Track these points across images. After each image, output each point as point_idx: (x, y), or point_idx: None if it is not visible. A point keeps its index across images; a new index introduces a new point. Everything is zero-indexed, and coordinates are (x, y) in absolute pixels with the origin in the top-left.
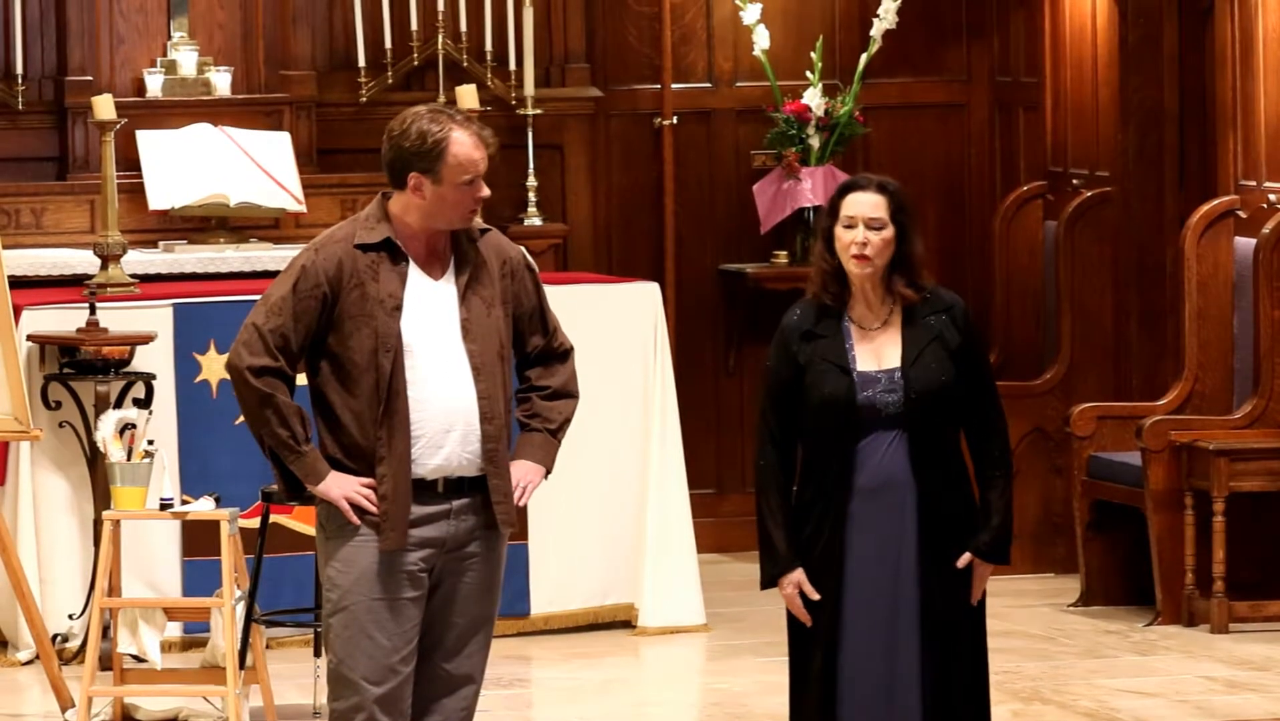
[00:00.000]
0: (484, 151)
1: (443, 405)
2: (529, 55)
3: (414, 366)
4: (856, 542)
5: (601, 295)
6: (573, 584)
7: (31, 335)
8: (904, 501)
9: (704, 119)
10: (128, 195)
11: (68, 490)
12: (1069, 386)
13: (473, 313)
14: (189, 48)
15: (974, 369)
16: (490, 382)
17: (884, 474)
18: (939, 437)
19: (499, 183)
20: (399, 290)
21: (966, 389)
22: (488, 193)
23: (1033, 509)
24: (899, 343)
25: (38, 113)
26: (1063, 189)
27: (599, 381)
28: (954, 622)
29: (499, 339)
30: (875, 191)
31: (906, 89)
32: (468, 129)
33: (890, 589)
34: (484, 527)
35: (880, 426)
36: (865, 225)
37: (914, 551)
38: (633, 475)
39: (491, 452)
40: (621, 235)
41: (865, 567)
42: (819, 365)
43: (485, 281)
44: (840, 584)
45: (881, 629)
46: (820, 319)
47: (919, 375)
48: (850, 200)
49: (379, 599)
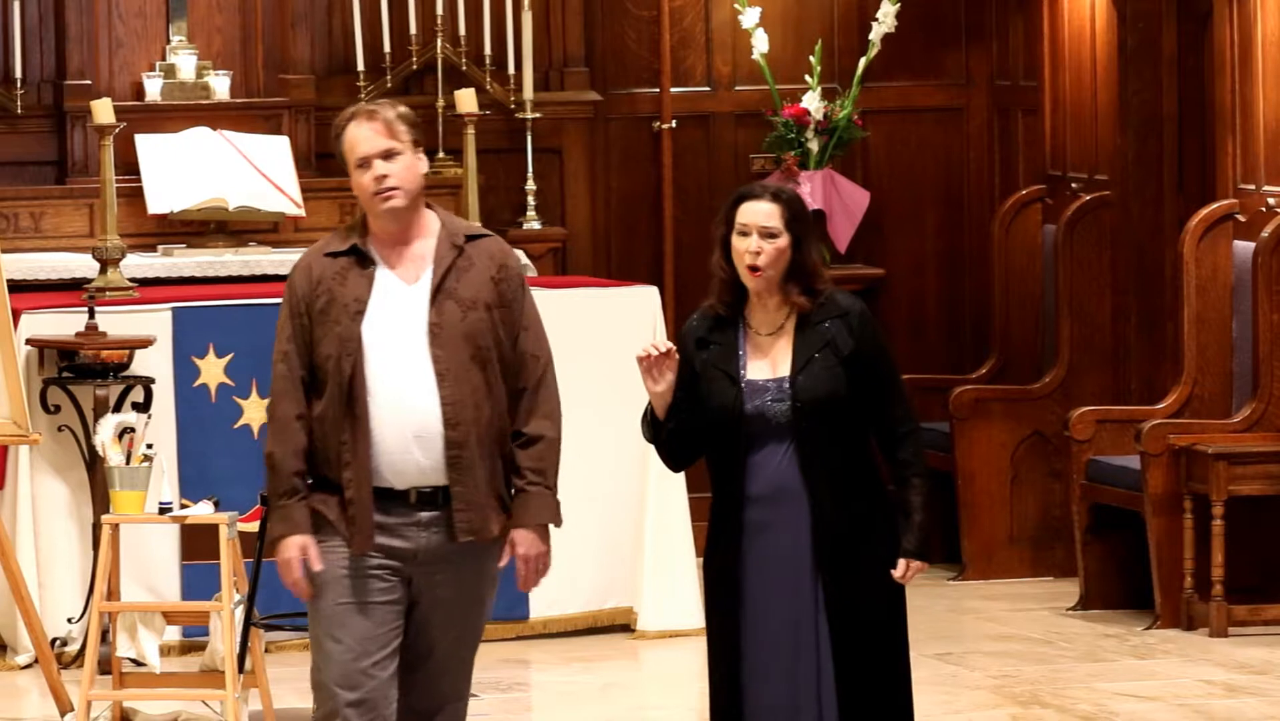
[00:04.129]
0: (374, 130)
1: (403, 410)
2: (528, 59)
3: (375, 371)
4: (753, 554)
5: (600, 299)
6: (572, 587)
7: (30, 339)
8: (798, 512)
9: (703, 123)
10: (127, 199)
11: (67, 494)
12: (1068, 390)
13: (444, 316)
14: (188, 51)
15: (872, 374)
16: (457, 388)
17: (776, 483)
18: (833, 446)
19: (497, 186)
20: (365, 294)
21: (868, 395)
22: (390, 176)
23: (1031, 513)
24: (790, 350)
25: (37, 116)
26: (1061, 193)
27: (598, 385)
28: (860, 632)
29: (476, 342)
30: (769, 200)
31: (905, 93)
32: (364, 111)
33: (789, 600)
34: (484, 539)
35: (772, 436)
36: (759, 234)
37: (809, 563)
38: (632, 478)
39: (455, 459)
40: (620, 239)
41: (763, 579)
42: (712, 373)
43: (467, 284)
44: (739, 595)
45: (783, 640)
46: (715, 327)
47: (807, 383)
48: (745, 209)
49: (345, 603)
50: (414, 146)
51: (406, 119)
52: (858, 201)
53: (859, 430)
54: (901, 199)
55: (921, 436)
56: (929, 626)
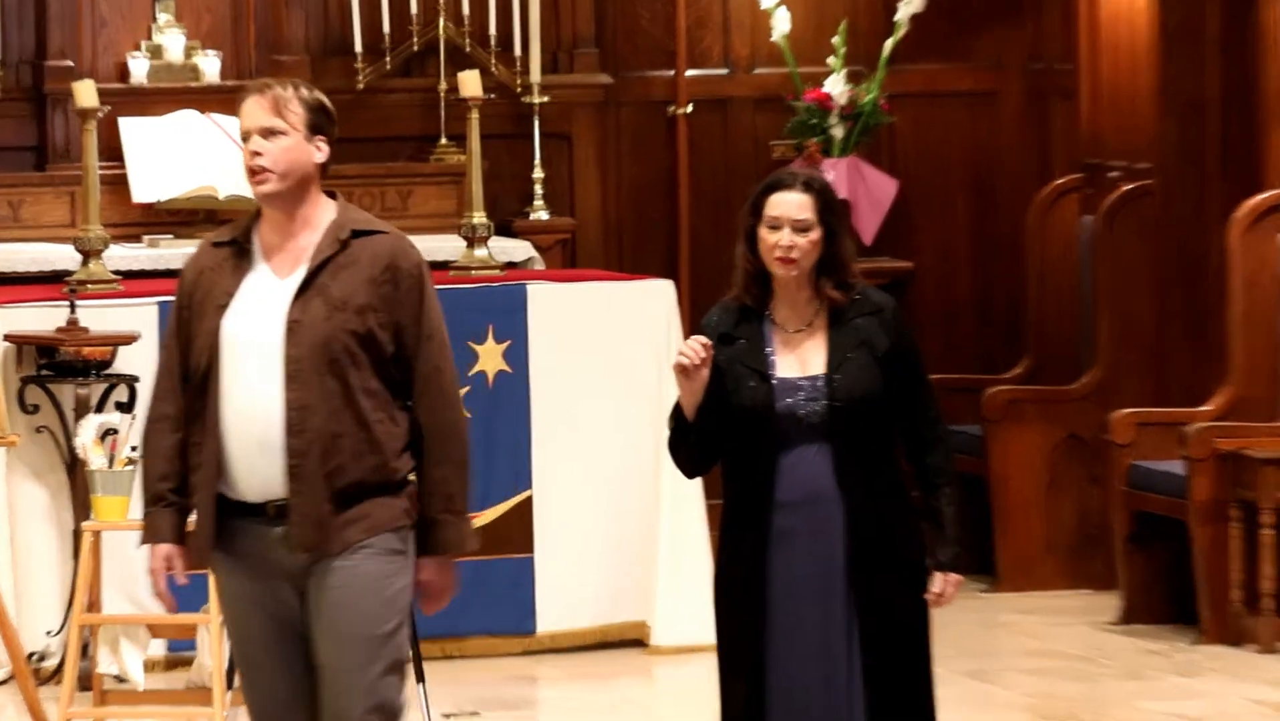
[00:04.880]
0: (259, 103)
1: (250, 415)
2: (535, 40)
3: (228, 370)
4: (780, 562)
5: (612, 294)
6: (581, 599)
7: (8, 335)
8: (830, 517)
9: (720, 107)
10: (110, 187)
11: (45, 499)
12: (1107, 391)
13: (307, 314)
14: (176, 31)
15: (907, 374)
16: (305, 391)
17: (807, 487)
18: (867, 448)
19: (503, 174)
20: (234, 287)
21: (899, 396)
22: (264, 155)
23: (1069, 521)
24: (824, 347)
25: (15, 99)
26: (1100, 182)
27: (609, 385)
28: (894, 649)
29: (338, 346)
30: (802, 190)
31: (934, 76)
32: (259, 84)
33: (819, 611)
34: (330, 548)
35: (803, 437)
36: (791, 227)
37: (843, 571)
38: (645, 483)
39: (295, 469)
40: (633, 230)
41: (790, 589)
42: (737, 370)
43: (342, 283)
44: (763, 607)
45: (811, 655)
46: (740, 321)
47: (845, 382)
48: (775, 200)
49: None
50: (308, 130)
51: (307, 102)
52: (884, 191)
53: (889, 433)
54: (930, 188)
55: (951, 440)
56: (960, 642)
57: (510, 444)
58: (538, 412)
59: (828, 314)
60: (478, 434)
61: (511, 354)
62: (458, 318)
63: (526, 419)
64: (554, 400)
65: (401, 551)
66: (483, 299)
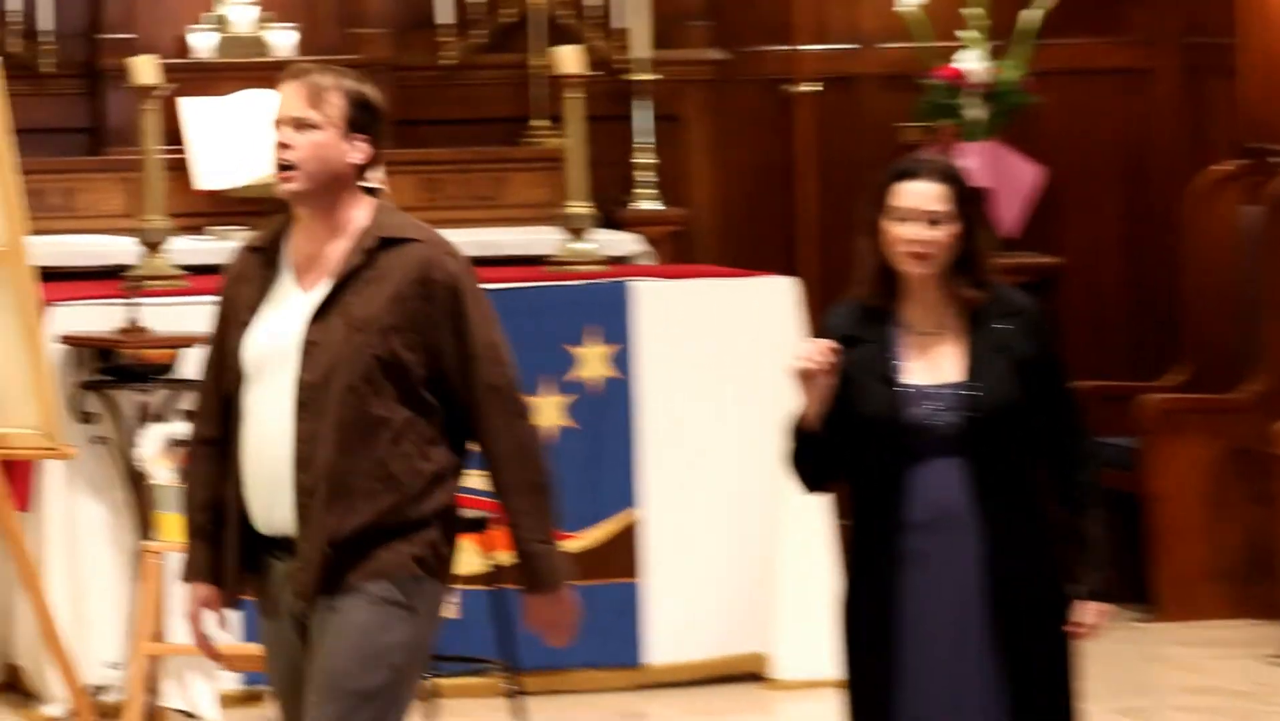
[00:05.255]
0: (294, 91)
1: (264, 445)
2: (640, 11)
3: (251, 395)
4: (909, 591)
5: (727, 292)
6: (694, 629)
7: (62, 336)
8: (964, 540)
9: (845, 86)
10: (172, 173)
11: (105, 517)
12: (1274, 399)
13: (327, 334)
14: (244, 1)
15: (1049, 382)
16: (319, 420)
17: (940, 505)
18: (1005, 463)
19: (604, 159)
20: (259, 302)
21: (1041, 406)
22: (292, 150)
23: (1232, 544)
24: (958, 352)
25: (67, 76)
26: (1263, 168)
27: (724, 393)
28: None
29: (363, 367)
30: (935, 179)
31: (1082, 51)
32: (297, 69)
33: (953, 646)
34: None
35: (934, 450)
36: (923, 219)
37: (978, 600)
38: (764, 501)
39: (302, 507)
40: (749, 221)
41: (921, 621)
42: (860, 377)
43: (367, 300)
44: (892, 641)
45: (945, 695)
46: (864, 322)
47: (982, 390)
48: (904, 190)
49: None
50: (345, 126)
51: (349, 95)
52: (1026, 179)
53: (1029, 446)
54: (1077, 176)
55: (1099, 455)
56: (1114, 676)
57: (615, 458)
58: (645, 423)
59: (962, 316)
60: (578, 446)
61: (616, 358)
62: (556, 318)
63: (633, 430)
64: (663, 409)
65: (401, 603)
66: (584, 297)
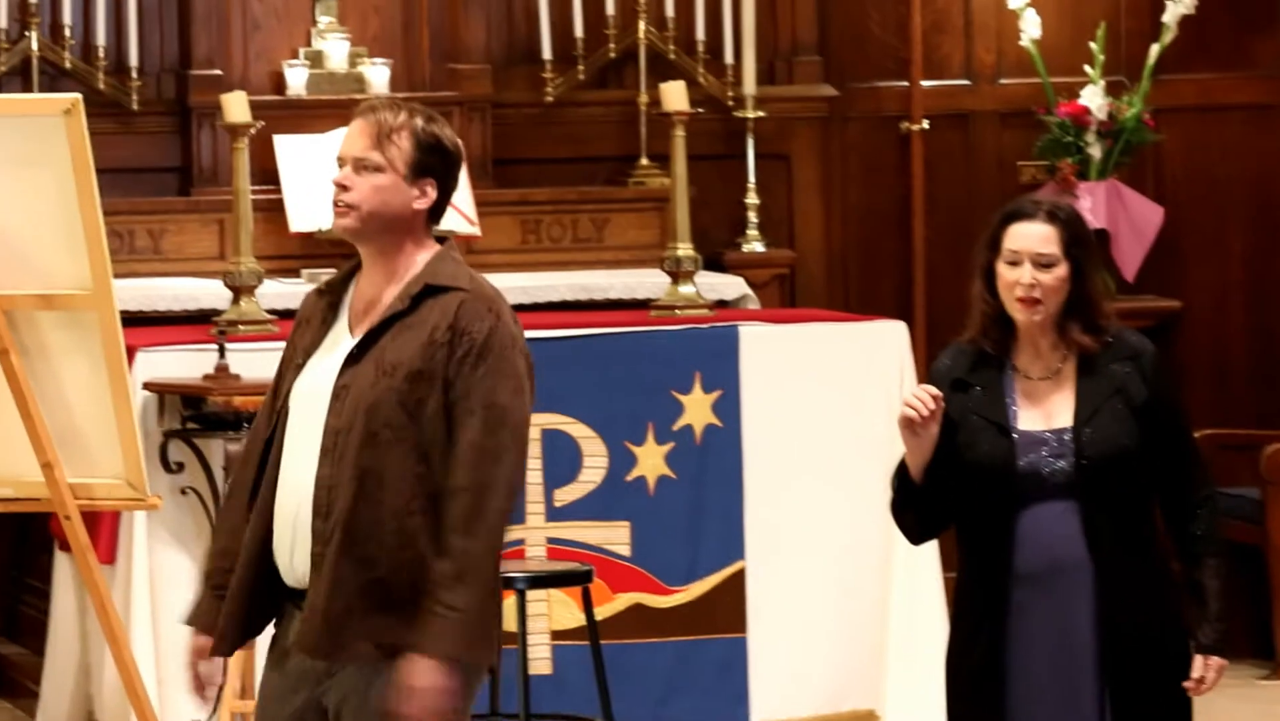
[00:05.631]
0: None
1: (286, 488)
2: (749, 46)
3: (287, 437)
4: (1019, 646)
5: (837, 336)
6: (801, 685)
7: (148, 383)
8: (1077, 591)
9: (961, 123)
10: (264, 214)
11: (190, 569)
12: None
13: (357, 379)
14: (338, 36)
15: (1166, 428)
16: (338, 469)
17: (1051, 555)
18: (1120, 512)
19: (712, 200)
20: (314, 346)
21: (1158, 453)
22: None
23: None
24: (1072, 398)
25: (156, 114)
26: None
27: (834, 440)
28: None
29: (384, 416)
30: (1044, 221)
31: (1207, 86)
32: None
33: (1064, 706)
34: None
35: (1046, 497)
36: (1032, 262)
37: (1091, 655)
38: (874, 553)
39: (317, 556)
40: (861, 263)
41: (1031, 678)
42: (973, 421)
43: (400, 346)
44: (1001, 700)
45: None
46: (977, 366)
47: (1094, 436)
48: (1014, 232)
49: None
50: (411, 170)
51: (418, 137)
52: (1149, 219)
53: (1145, 495)
54: (1202, 217)
55: (1219, 505)
56: None
57: (720, 508)
58: (751, 472)
59: (1077, 360)
60: (681, 496)
61: (722, 405)
62: (660, 364)
63: (739, 479)
64: (770, 458)
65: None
66: (689, 342)
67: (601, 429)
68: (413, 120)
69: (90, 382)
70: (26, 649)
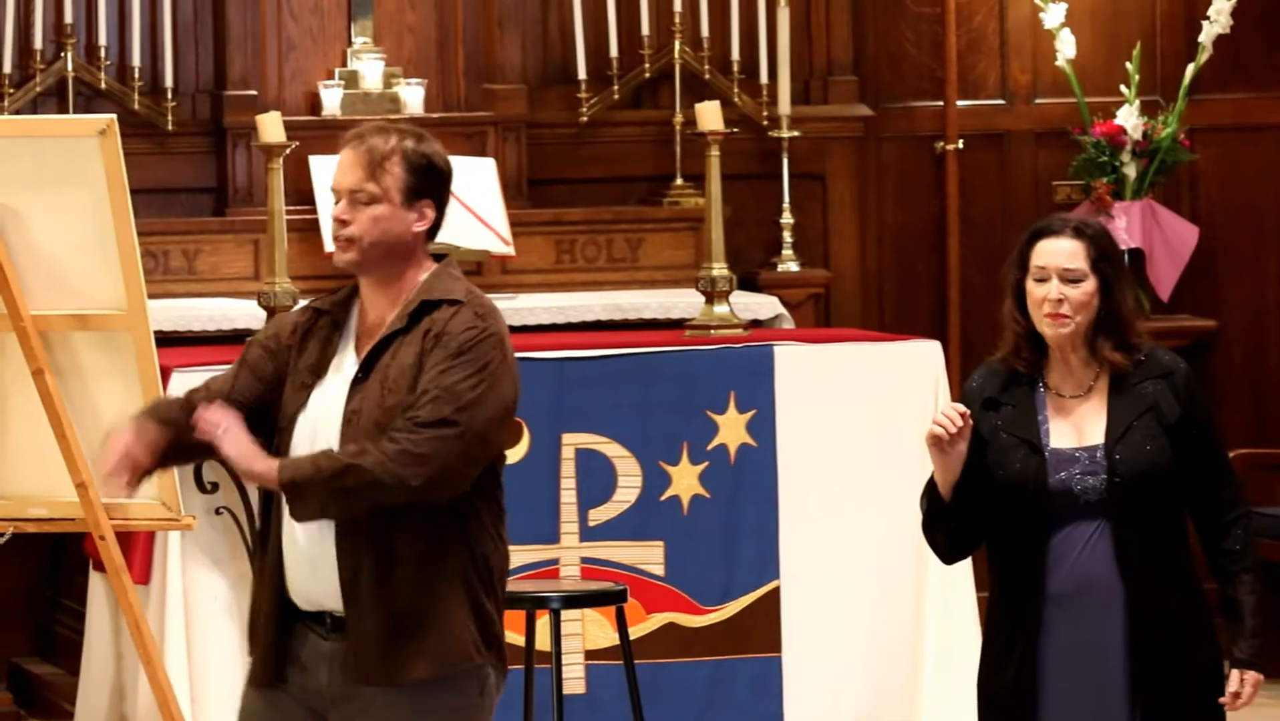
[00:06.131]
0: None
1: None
2: (784, 66)
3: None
4: (1050, 666)
5: (872, 356)
6: (836, 705)
7: None
8: (1109, 610)
9: (996, 142)
10: (299, 234)
11: (225, 590)
12: None
13: (364, 403)
14: (374, 56)
15: (1199, 446)
16: None
17: (1083, 574)
18: (1153, 530)
19: (747, 220)
20: (321, 367)
21: (1191, 471)
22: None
23: None
24: (1103, 415)
25: (190, 134)
26: None
27: (868, 461)
28: None
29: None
30: (1071, 236)
31: (1243, 106)
32: (356, 134)
33: (1099, 717)
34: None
35: (1077, 516)
36: (1060, 278)
37: (1124, 674)
38: (909, 573)
39: (350, 583)
40: (896, 283)
41: (1062, 697)
42: (1004, 440)
43: (399, 362)
44: (1036, 712)
45: None
46: (1008, 385)
47: (1127, 454)
48: (1041, 248)
49: None
50: (406, 196)
51: (410, 161)
52: (1184, 239)
53: (1176, 514)
54: (1237, 236)
55: (1253, 523)
56: None
57: (755, 528)
58: (786, 492)
59: (1109, 378)
60: (715, 516)
61: (756, 425)
62: (694, 384)
63: (774, 499)
64: (805, 477)
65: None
66: (723, 362)
67: (636, 448)
68: (403, 144)
69: (125, 402)
70: (61, 669)
